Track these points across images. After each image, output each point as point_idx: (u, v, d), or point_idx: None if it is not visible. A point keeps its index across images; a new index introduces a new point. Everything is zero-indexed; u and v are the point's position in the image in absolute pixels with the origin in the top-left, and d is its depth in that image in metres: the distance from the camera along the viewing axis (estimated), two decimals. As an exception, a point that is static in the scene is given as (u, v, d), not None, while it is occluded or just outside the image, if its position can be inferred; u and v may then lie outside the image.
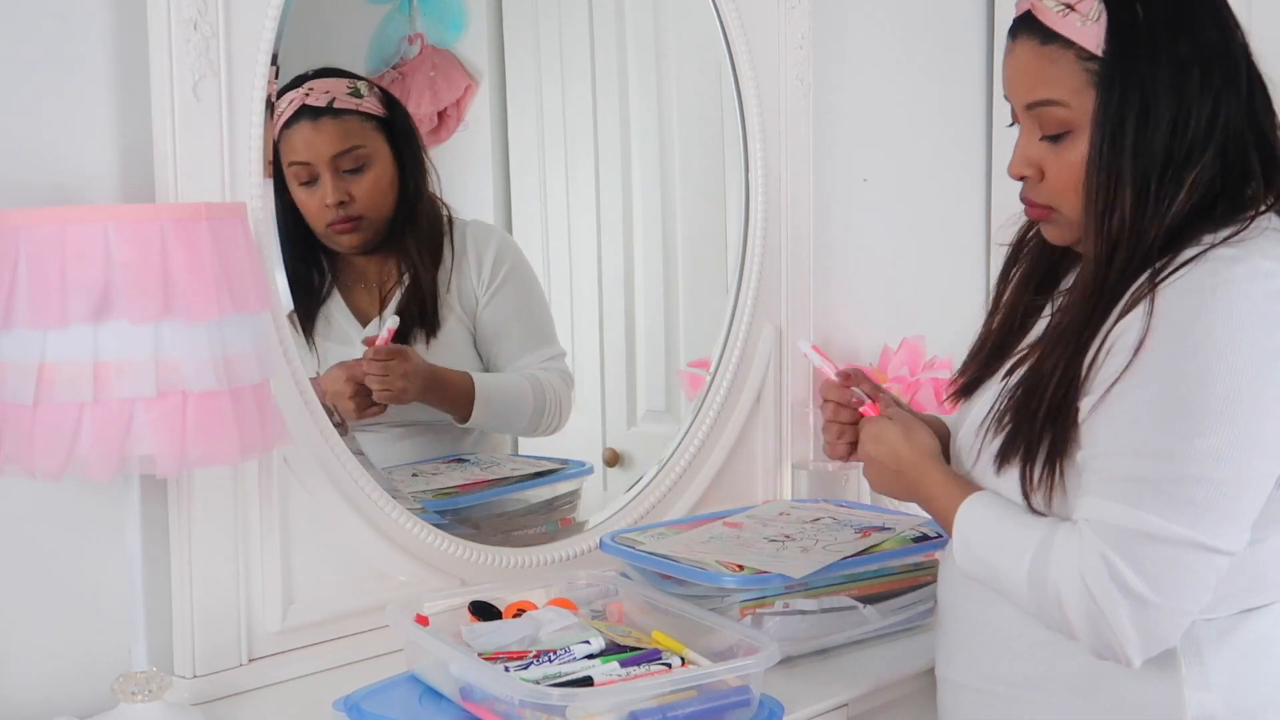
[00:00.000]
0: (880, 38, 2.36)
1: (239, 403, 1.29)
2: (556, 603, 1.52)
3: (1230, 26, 1.32)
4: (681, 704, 1.31)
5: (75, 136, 1.45)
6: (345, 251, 1.84)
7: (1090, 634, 1.24)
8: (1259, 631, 1.31)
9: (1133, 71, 1.27)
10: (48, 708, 1.44)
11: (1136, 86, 1.27)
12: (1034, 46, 1.32)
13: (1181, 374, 1.21)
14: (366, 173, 1.81)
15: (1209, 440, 1.20)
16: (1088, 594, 1.23)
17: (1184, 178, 1.27)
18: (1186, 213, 1.28)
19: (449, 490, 1.87)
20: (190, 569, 1.49)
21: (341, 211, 1.79)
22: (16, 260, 1.23)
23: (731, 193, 2.12)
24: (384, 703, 1.39)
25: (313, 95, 1.74)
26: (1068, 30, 1.29)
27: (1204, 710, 1.28)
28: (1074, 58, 1.30)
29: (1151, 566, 1.21)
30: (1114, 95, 1.28)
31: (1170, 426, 1.21)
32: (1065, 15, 1.30)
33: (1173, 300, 1.23)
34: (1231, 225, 1.27)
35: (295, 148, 1.74)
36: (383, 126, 1.83)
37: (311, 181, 1.77)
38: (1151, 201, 1.27)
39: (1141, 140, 1.27)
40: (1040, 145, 1.34)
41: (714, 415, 2.04)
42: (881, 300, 2.37)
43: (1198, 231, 1.27)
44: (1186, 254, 1.25)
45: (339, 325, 1.84)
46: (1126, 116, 1.27)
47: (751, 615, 1.55)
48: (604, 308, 2.17)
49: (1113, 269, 1.29)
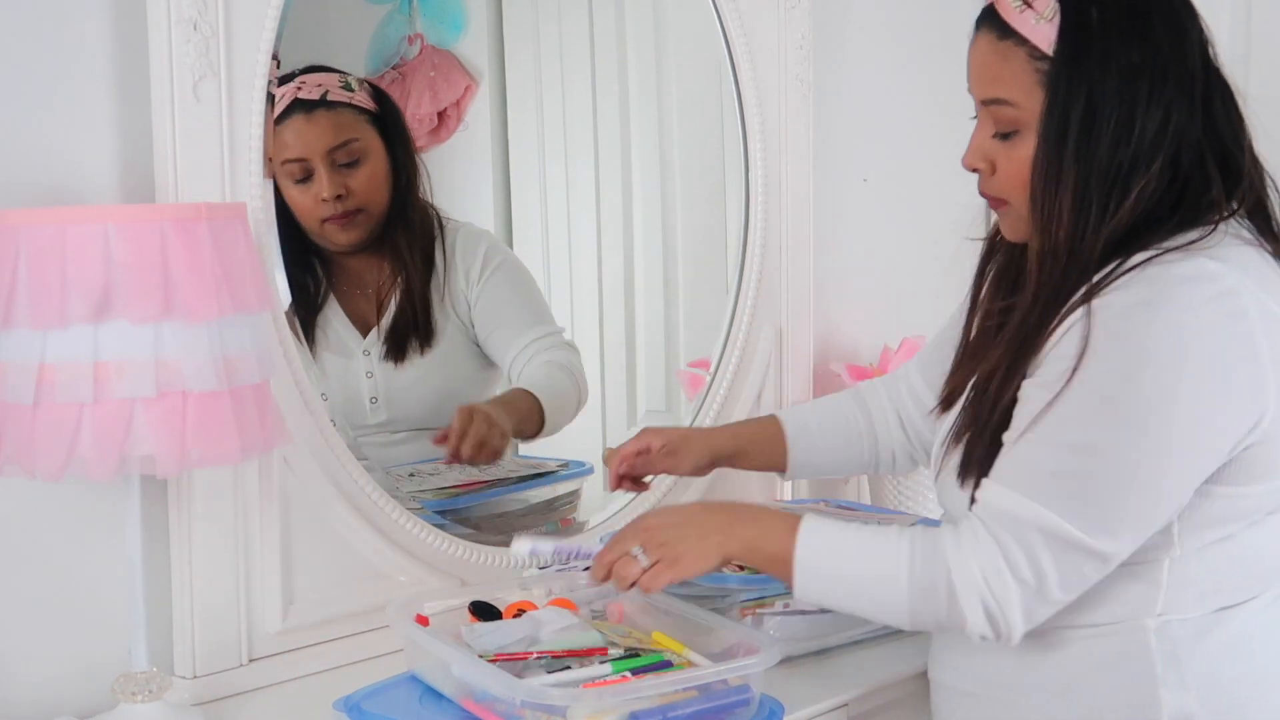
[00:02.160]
0: (880, 38, 2.36)
1: (239, 403, 1.29)
2: (556, 603, 1.52)
3: (1187, 35, 1.30)
4: (681, 704, 1.31)
5: (75, 136, 1.45)
6: (340, 249, 1.83)
7: (981, 620, 1.26)
8: (1234, 630, 1.31)
9: (1080, 75, 1.27)
10: (48, 708, 1.44)
11: (1083, 90, 1.27)
12: (991, 40, 1.32)
13: (1108, 376, 1.21)
14: (362, 166, 1.80)
15: (1117, 444, 1.21)
16: (982, 582, 1.25)
17: (1130, 185, 1.27)
18: (1136, 220, 1.27)
19: (449, 490, 1.87)
20: (190, 569, 1.49)
21: (339, 206, 1.77)
22: (16, 260, 1.23)
23: (731, 193, 2.12)
24: (384, 703, 1.39)
25: (305, 89, 1.73)
26: (1022, 27, 1.29)
27: (1181, 710, 1.28)
28: (1026, 56, 1.29)
29: (1045, 561, 1.23)
30: (1059, 97, 1.27)
31: (1088, 426, 1.22)
32: (1022, 11, 1.29)
33: (1109, 303, 1.23)
34: (1191, 232, 1.26)
35: (288, 143, 1.72)
36: (375, 121, 1.82)
37: (306, 178, 1.75)
38: (1093, 208, 1.27)
39: (1084, 145, 1.27)
40: (993, 141, 1.34)
41: (714, 415, 2.04)
42: (881, 300, 2.37)
43: (1151, 238, 1.26)
44: (1136, 258, 1.24)
45: (339, 334, 1.84)
46: (1070, 120, 1.27)
47: (751, 615, 1.55)
48: (604, 308, 2.17)
49: (1054, 272, 1.29)
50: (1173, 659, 1.29)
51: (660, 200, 2.20)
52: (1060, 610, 1.27)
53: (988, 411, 1.32)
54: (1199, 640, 1.29)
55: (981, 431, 1.32)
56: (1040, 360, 1.27)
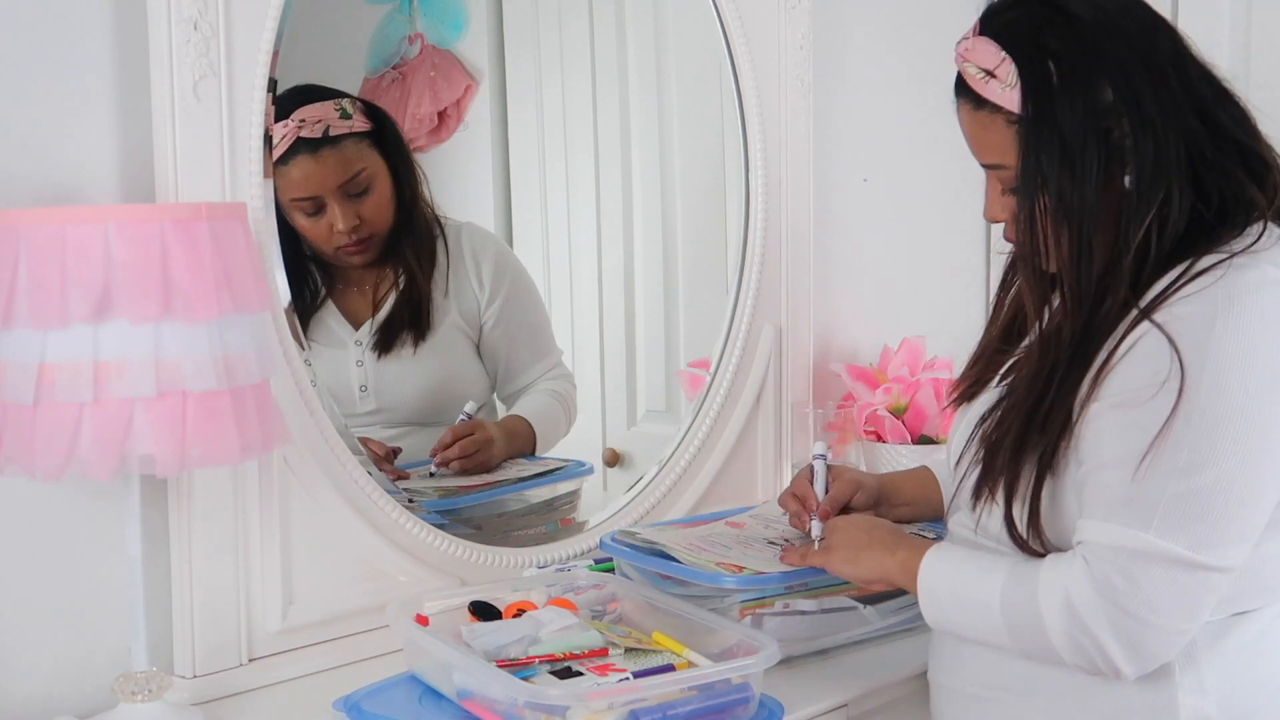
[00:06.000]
0: (880, 38, 2.36)
1: (239, 403, 1.29)
2: (556, 603, 1.52)
3: (1155, 51, 1.30)
4: (681, 703, 1.31)
5: (75, 136, 1.45)
6: (352, 268, 1.85)
7: (1075, 654, 1.25)
8: (1252, 635, 1.31)
9: (1049, 129, 1.28)
10: (48, 707, 1.44)
11: (1056, 142, 1.28)
12: (970, 110, 1.36)
13: (1195, 393, 1.20)
14: (372, 193, 1.82)
15: (1218, 459, 1.20)
16: (1071, 613, 1.23)
17: (1143, 213, 1.27)
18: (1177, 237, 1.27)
19: (449, 490, 1.87)
20: (190, 569, 1.49)
21: (354, 235, 1.79)
22: (16, 260, 1.23)
23: (731, 193, 2.12)
24: (384, 703, 1.39)
25: (306, 127, 1.73)
26: (991, 95, 1.32)
27: (1200, 714, 1.28)
28: (1004, 122, 1.32)
29: (1149, 586, 1.21)
30: (1031, 155, 1.29)
31: (1182, 444, 1.20)
32: (987, 82, 1.32)
33: (1188, 320, 1.22)
34: (1241, 236, 1.26)
35: (297, 183, 1.73)
36: (374, 141, 1.82)
37: (318, 212, 1.77)
38: (1094, 249, 1.27)
39: (1069, 194, 1.27)
40: (1002, 197, 1.37)
41: (714, 415, 2.04)
42: (881, 300, 2.37)
43: (1203, 246, 1.26)
44: (1192, 267, 1.24)
45: (332, 329, 1.84)
46: (1048, 174, 1.28)
47: (751, 615, 1.54)
48: (604, 308, 2.17)
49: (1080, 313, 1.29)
50: (1191, 663, 1.28)
51: (660, 200, 2.20)
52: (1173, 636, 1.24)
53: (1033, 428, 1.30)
54: (1215, 644, 1.29)
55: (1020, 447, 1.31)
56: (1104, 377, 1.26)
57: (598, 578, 1.62)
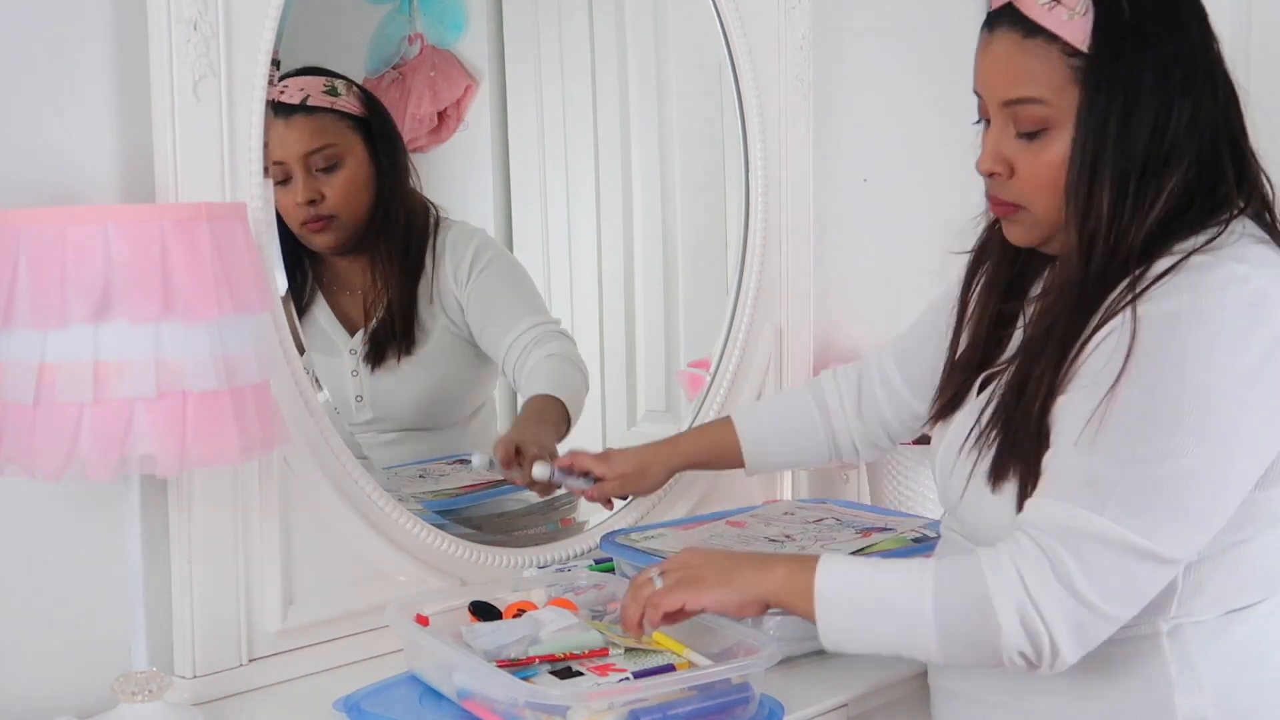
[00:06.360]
0: (880, 38, 2.36)
1: (239, 403, 1.29)
2: (556, 603, 1.52)
3: (1210, 28, 1.30)
4: (681, 703, 1.31)
5: (75, 136, 1.45)
6: (321, 251, 1.84)
7: (1019, 637, 1.20)
8: (1246, 632, 1.30)
9: (1119, 70, 1.24)
10: (48, 707, 1.44)
11: (1121, 85, 1.25)
12: (1015, 40, 1.29)
13: (1158, 384, 1.19)
14: (339, 171, 1.80)
15: (1182, 450, 1.18)
16: (1023, 590, 1.19)
17: (1164, 180, 1.26)
18: (1164, 215, 1.26)
19: (449, 490, 1.87)
20: (190, 569, 1.49)
21: (312, 210, 1.78)
22: (16, 260, 1.22)
23: (731, 193, 2.12)
24: (384, 703, 1.39)
25: (286, 93, 1.72)
26: (1053, 24, 1.26)
27: (1196, 714, 1.27)
28: (1058, 53, 1.26)
29: (1098, 568, 1.19)
30: (1100, 94, 1.25)
31: (1143, 433, 1.19)
32: (1051, 9, 1.26)
33: (1152, 312, 1.21)
34: (1207, 230, 1.25)
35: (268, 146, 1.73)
36: (360, 126, 1.82)
37: (285, 180, 1.76)
38: (1130, 202, 1.25)
39: (1123, 140, 1.25)
40: (1014, 142, 1.31)
41: (714, 415, 2.04)
42: (881, 300, 2.37)
43: (1174, 236, 1.25)
44: (1163, 264, 1.23)
45: (325, 333, 1.84)
46: (1110, 116, 1.25)
47: (751, 615, 1.54)
48: (604, 307, 2.17)
49: (1091, 269, 1.26)
50: (1186, 662, 1.28)
51: (660, 200, 2.20)
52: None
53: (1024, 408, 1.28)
54: (1211, 643, 1.29)
55: (1018, 437, 1.28)
56: (1077, 367, 1.25)
57: (598, 578, 1.62)
